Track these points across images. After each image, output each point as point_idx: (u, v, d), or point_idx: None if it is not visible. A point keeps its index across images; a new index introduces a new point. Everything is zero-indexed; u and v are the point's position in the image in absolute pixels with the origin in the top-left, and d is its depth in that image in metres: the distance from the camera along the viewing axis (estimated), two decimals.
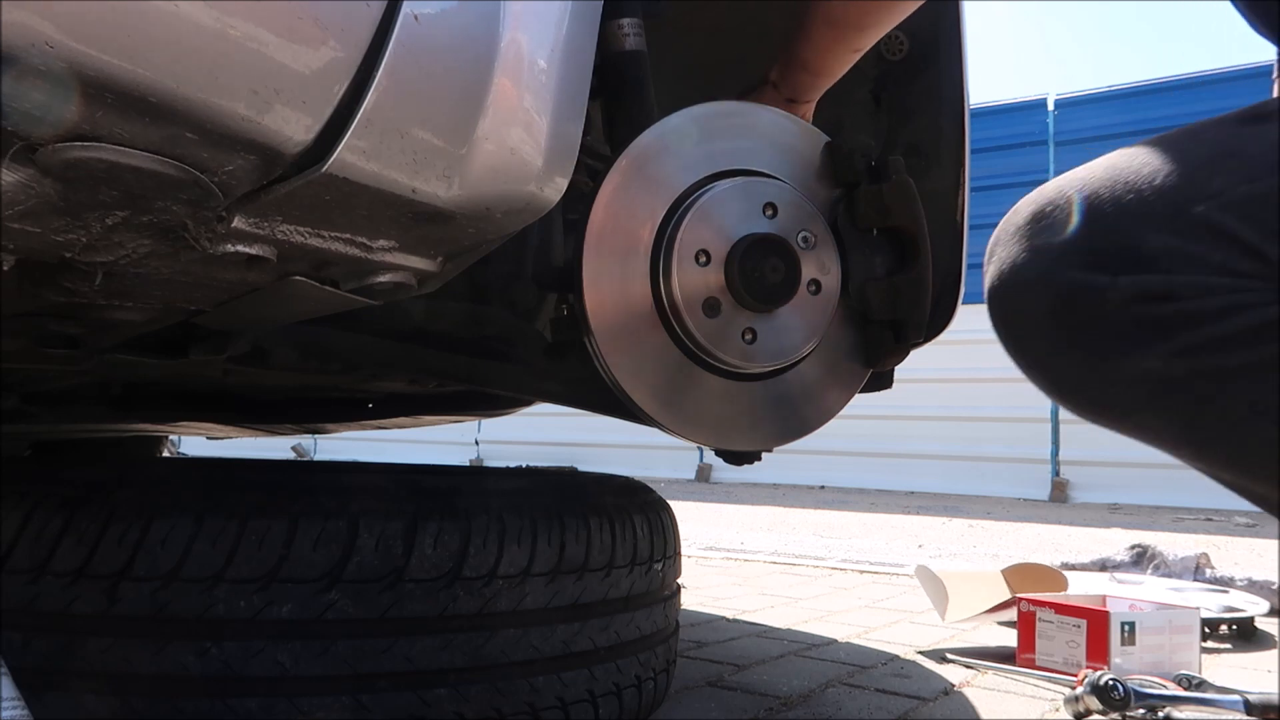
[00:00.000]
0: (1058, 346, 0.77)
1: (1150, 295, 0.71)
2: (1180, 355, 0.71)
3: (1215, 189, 0.71)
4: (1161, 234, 0.71)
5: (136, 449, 2.61)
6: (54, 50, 0.49)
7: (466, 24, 0.65)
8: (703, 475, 8.77)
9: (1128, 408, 0.78)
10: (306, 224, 0.68)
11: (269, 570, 0.90)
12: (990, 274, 0.81)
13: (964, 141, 1.37)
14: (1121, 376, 0.75)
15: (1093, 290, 0.73)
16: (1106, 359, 0.75)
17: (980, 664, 1.62)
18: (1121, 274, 0.72)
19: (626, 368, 0.93)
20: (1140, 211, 0.73)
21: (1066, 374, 0.79)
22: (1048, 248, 0.76)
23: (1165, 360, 0.72)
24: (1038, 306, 0.77)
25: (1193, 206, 0.71)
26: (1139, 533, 4.47)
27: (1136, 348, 0.73)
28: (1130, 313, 0.72)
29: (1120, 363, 0.74)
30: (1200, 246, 0.70)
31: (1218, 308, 0.70)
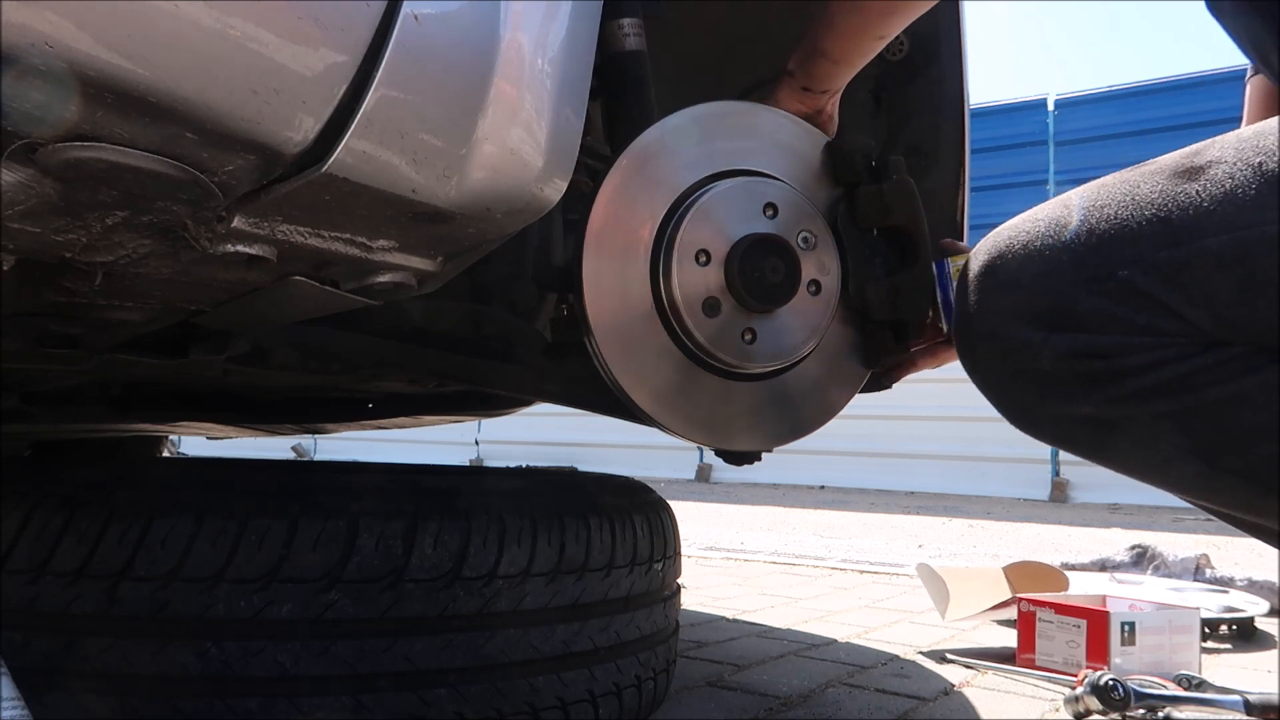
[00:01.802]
0: (1010, 391, 0.86)
1: (1080, 353, 0.80)
2: (1110, 404, 0.80)
3: (1139, 253, 0.78)
4: (1092, 296, 0.79)
5: (136, 449, 2.60)
6: (54, 50, 0.49)
7: (467, 24, 0.65)
8: (703, 475, 8.76)
9: (1078, 444, 0.87)
10: (306, 224, 0.68)
11: (269, 570, 0.90)
12: (956, 314, 0.90)
13: (964, 141, 1.37)
14: (1066, 419, 0.84)
15: (1029, 347, 0.82)
16: (1048, 406, 0.84)
17: (980, 664, 1.62)
18: (1055, 332, 0.80)
19: (626, 368, 0.93)
20: (1073, 274, 0.80)
21: (1021, 413, 0.88)
22: (995, 304, 0.85)
23: (1098, 407, 0.81)
24: (989, 356, 0.86)
25: (1119, 270, 0.78)
26: (1139, 533, 4.47)
27: (1073, 397, 0.82)
28: (1065, 367, 0.81)
29: (1062, 408, 0.83)
30: (1125, 309, 0.78)
31: (1141, 363, 0.78)
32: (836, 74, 1.04)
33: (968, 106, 1.37)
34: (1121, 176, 0.84)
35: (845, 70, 1.04)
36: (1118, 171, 0.85)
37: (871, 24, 0.99)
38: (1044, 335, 0.81)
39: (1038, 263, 0.82)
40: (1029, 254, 0.83)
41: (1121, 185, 0.83)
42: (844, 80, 1.06)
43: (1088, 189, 0.86)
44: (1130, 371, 0.78)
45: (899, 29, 1.01)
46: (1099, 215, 0.82)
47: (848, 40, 1.01)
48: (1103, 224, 0.81)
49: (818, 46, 1.02)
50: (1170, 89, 7.92)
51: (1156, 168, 0.82)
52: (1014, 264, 0.84)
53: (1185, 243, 0.76)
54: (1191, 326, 0.77)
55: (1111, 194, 0.83)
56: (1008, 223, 0.88)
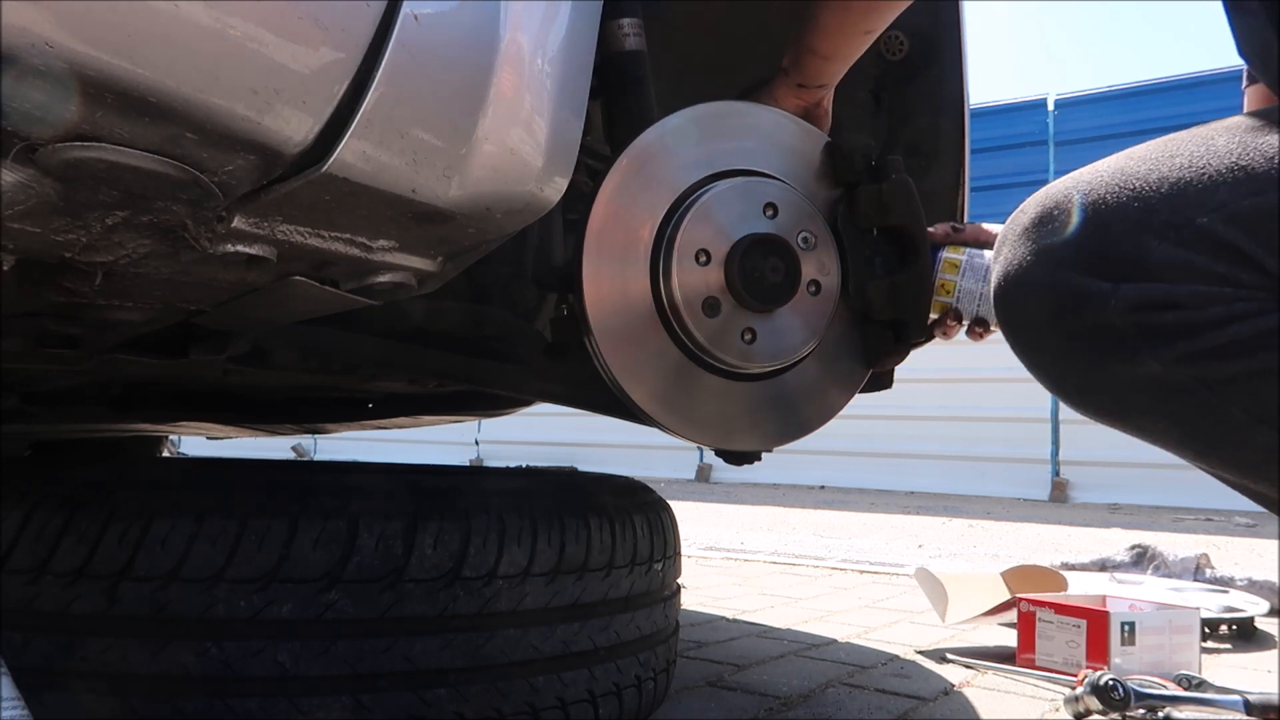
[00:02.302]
0: (1061, 350, 0.78)
1: (1152, 304, 0.72)
2: (1180, 362, 0.73)
3: (1220, 201, 0.72)
4: (1165, 244, 0.72)
5: (136, 449, 2.60)
6: (54, 50, 0.49)
7: (467, 24, 0.65)
8: (703, 475, 8.76)
9: (1129, 411, 0.79)
10: (306, 224, 0.68)
11: (269, 570, 0.90)
12: (997, 273, 0.82)
13: (964, 141, 1.37)
14: (1123, 381, 0.76)
15: (1095, 297, 0.74)
16: (1108, 364, 0.76)
17: (980, 664, 1.62)
18: (1124, 282, 0.73)
19: (626, 368, 0.93)
20: (1145, 220, 0.73)
21: (1070, 376, 0.80)
22: (1052, 252, 0.77)
23: (1166, 366, 0.73)
24: (1041, 311, 0.78)
25: (1197, 217, 0.72)
26: (1139, 533, 4.47)
27: (1138, 354, 0.74)
28: (1132, 320, 0.73)
29: (1121, 368, 0.75)
30: (1203, 258, 0.71)
31: (1218, 317, 0.71)
32: (827, 70, 1.04)
33: (968, 106, 1.37)
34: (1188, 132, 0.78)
35: (836, 66, 1.04)
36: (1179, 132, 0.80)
37: (857, 20, 0.99)
38: (1111, 285, 0.73)
39: (1102, 211, 0.75)
40: (1091, 202, 0.76)
41: (1191, 137, 0.77)
42: (836, 76, 1.06)
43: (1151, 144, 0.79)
44: (1206, 325, 0.71)
45: (885, 24, 1.01)
46: (1170, 164, 0.75)
47: (835, 36, 1.01)
48: (1176, 171, 0.74)
49: (807, 43, 1.03)
50: (1170, 89, 7.91)
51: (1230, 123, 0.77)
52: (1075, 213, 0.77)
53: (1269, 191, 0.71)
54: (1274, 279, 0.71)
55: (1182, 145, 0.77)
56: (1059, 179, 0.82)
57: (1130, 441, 0.87)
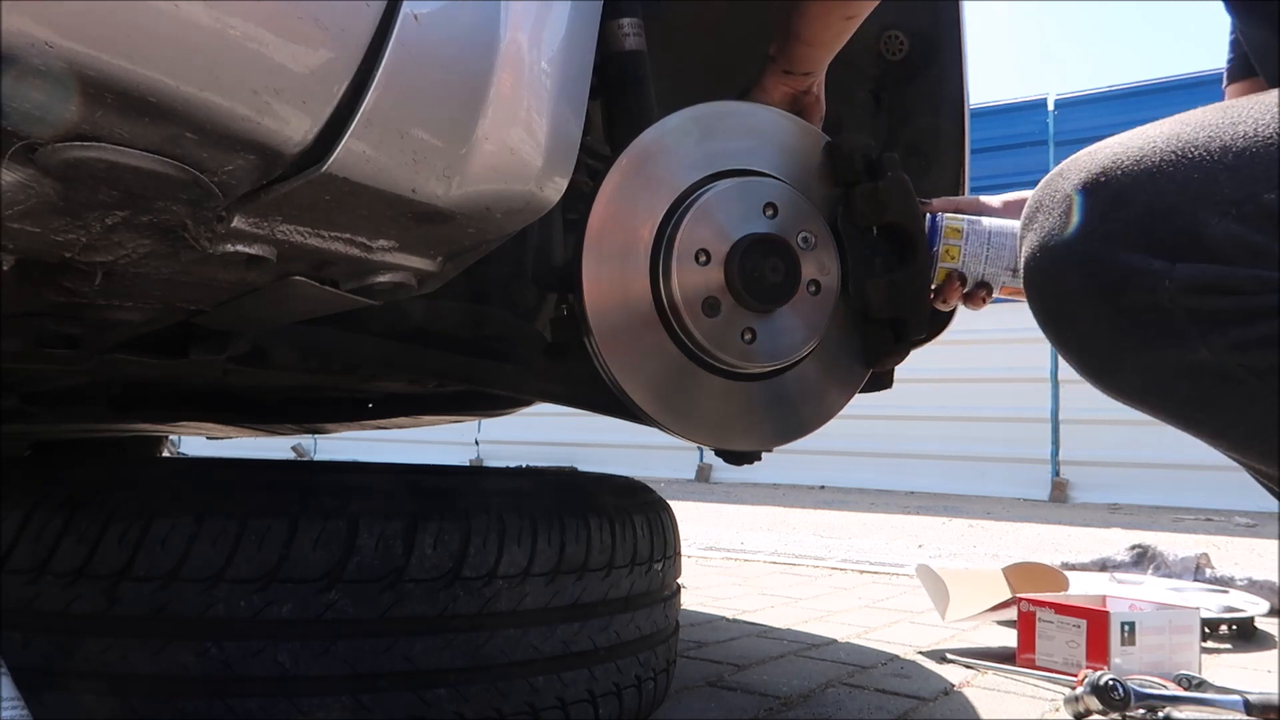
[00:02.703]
0: (1099, 329, 0.73)
1: (1209, 287, 0.67)
2: (1232, 350, 0.67)
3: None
4: (1226, 221, 0.66)
5: (136, 449, 2.60)
6: (54, 50, 0.49)
7: (466, 24, 0.65)
8: (703, 475, 8.76)
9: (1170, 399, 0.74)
10: (306, 224, 0.68)
11: (269, 570, 0.90)
12: (1030, 242, 0.76)
13: (964, 141, 1.37)
14: (1167, 368, 0.71)
15: (1146, 276, 0.68)
16: (1153, 348, 0.71)
17: (980, 664, 1.62)
18: (1180, 261, 0.67)
19: (626, 368, 0.93)
20: (1205, 194, 0.67)
21: (1101, 356, 0.75)
22: (1099, 223, 0.71)
23: (1217, 354, 0.68)
24: (1083, 286, 0.72)
25: (1263, 193, 0.66)
26: (1139, 533, 4.47)
27: (1187, 339, 0.68)
28: (1185, 303, 0.67)
29: (1167, 353, 0.70)
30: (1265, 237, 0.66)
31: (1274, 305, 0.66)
32: (811, 56, 1.05)
33: (968, 106, 1.37)
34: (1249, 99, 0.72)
35: (819, 52, 1.05)
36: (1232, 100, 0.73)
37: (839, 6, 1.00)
38: (1165, 264, 0.67)
39: (1157, 181, 0.69)
40: (1144, 170, 0.69)
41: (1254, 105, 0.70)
42: (822, 62, 1.06)
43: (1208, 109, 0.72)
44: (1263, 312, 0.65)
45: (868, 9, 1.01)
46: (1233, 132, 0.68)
47: (816, 22, 1.01)
48: (1239, 140, 0.68)
49: (792, 30, 1.03)
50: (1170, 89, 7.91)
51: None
52: (1126, 181, 0.70)
53: None
54: None
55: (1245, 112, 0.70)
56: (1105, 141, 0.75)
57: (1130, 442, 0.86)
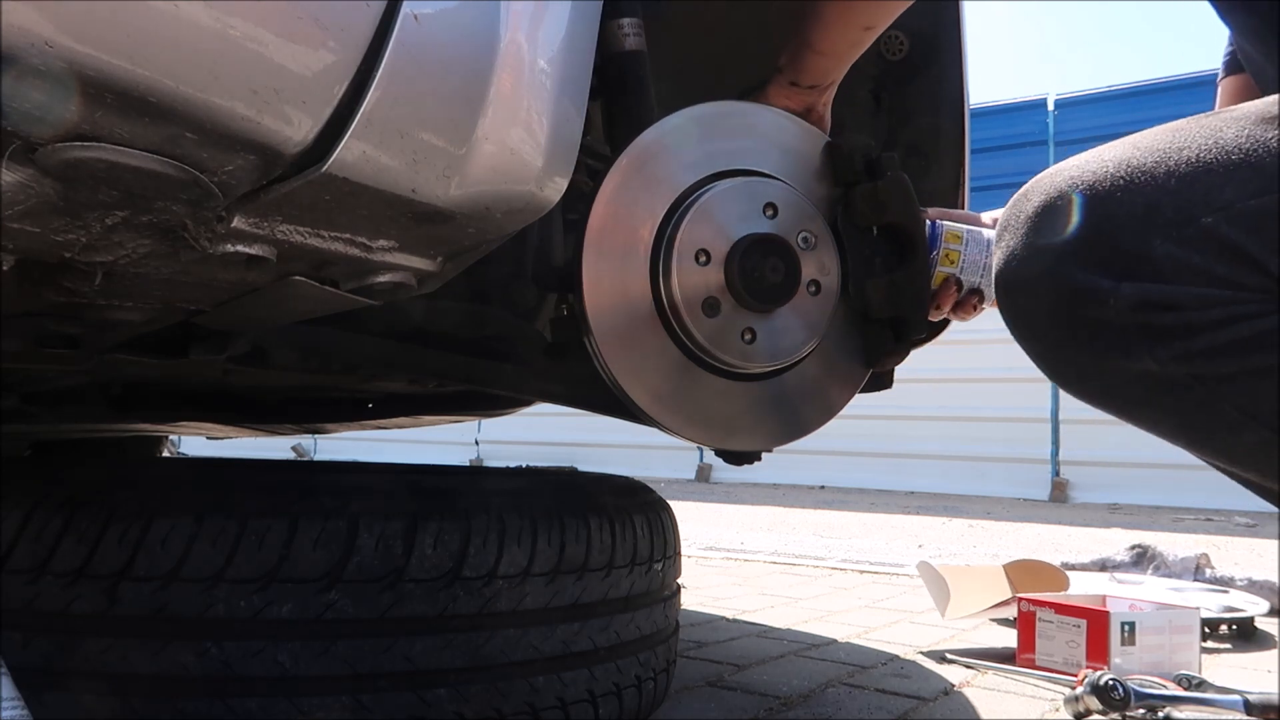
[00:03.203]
0: (1061, 342, 0.79)
1: (1153, 304, 0.72)
2: (1177, 360, 0.73)
3: (1225, 200, 0.71)
4: (1169, 243, 0.72)
5: (136, 449, 2.60)
6: (54, 50, 0.49)
7: (466, 24, 0.65)
8: (703, 475, 8.76)
9: (1128, 403, 0.80)
10: (306, 224, 0.68)
11: (269, 570, 0.90)
12: (998, 261, 0.82)
13: (964, 141, 1.37)
14: (1121, 375, 0.77)
15: (1096, 293, 0.74)
16: (1106, 359, 0.76)
17: (980, 664, 1.62)
18: (1125, 280, 0.73)
19: (626, 368, 0.93)
20: (1149, 217, 0.73)
21: (1070, 368, 0.80)
22: (1054, 244, 0.77)
23: (1163, 364, 0.74)
24: (1042, 303, 0.78)
25: (1201, 217, 0.71)
26: (1139, 533, 4.47)
27: (1136, 351, 0.74)
28: (1132, 318, 0.73)
29: (1120, 363, 0.76)
30: (1205, 258, 0.71)
31: (1217, 319, 0.71)
32: (823, 67, 1.02)
33: (968, 106, 1.37)
34: (1197, 121, 0.77)
35: (832, 64, 1.02)
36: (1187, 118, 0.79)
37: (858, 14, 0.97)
38: (1113, 283, 0.73)
39: (1107, 204, 0.75)
40: (1096, 195, 0.76)
41: (1200, 129, 0.76)
42: (833, 75, 1.04)
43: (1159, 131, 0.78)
44: (1204, 326, 0.71)
45: (887, 21, 0.98)
46: (1178, 157, 0.74)
47: (834, 31, 0.98)
48: (1183, 166, 0.74)
49: (805, 39, 1.00)
50: (1170, 89, 7.91)
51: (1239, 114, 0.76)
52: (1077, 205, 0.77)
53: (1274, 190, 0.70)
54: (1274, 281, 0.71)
55: (1190, 136, 0.76)
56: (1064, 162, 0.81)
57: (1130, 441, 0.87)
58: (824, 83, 1.04)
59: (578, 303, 0.91)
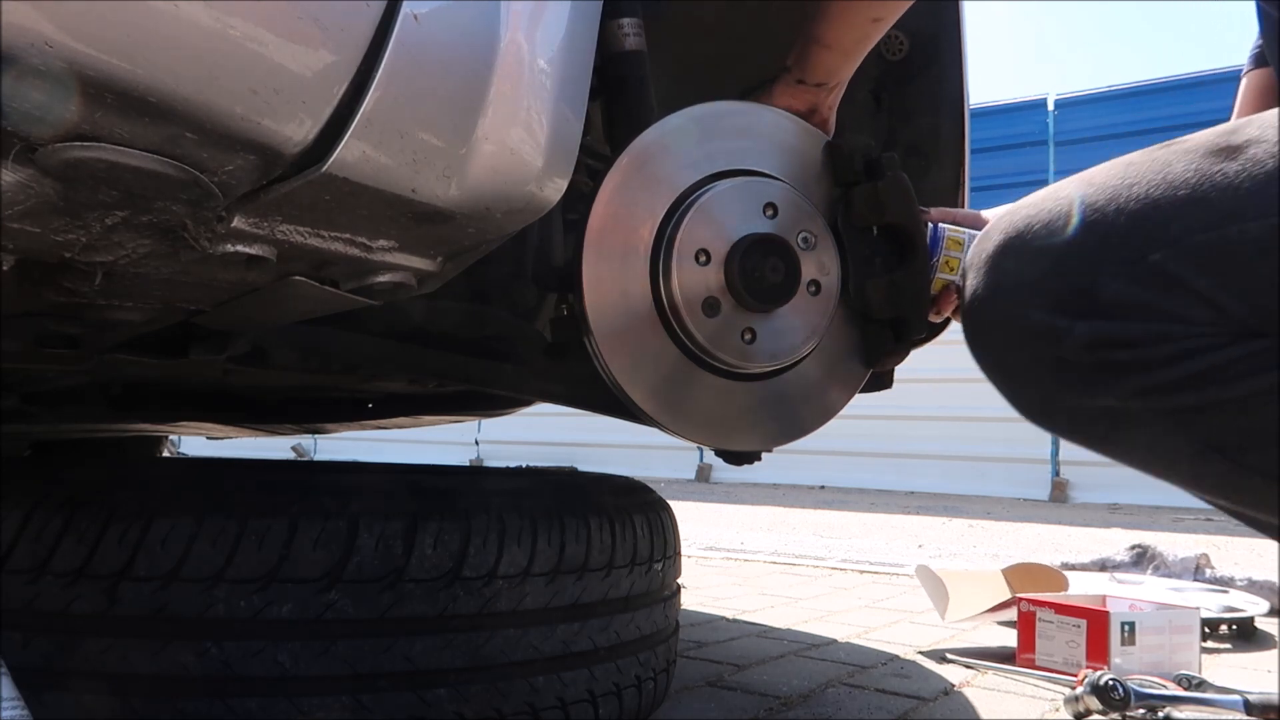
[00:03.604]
0: (1025, 381, 0.81)
1: (1106, 342, 0.74)
2: (1135, 396, 0.75)
3: (1173, 235, 0.72)
4: (1119, 280, 0.73)
5: (136, 449, 2.60)
6: (54, 50, 0.49)
7: (466, 24, 0.65)
8: (703, 475, 8.76)
9: (1094, 437, 0.82)
10: (306, 224, 0.68)
11: (269, 570, 0.90)
12: (965, 299, 0.84)
13: (964, 141, 1.37)
14: (1085, 412, 0.79)
15: (1052, 333, 0.76)
16: (1068, 396, 0.78)
17: (980, 664, 1.62)
18: (1079, 319, 0.74)
19: (626, 368, 0.93)
20: (1100, 256, 0.75)
21: (1036, 405, 0.83)
22: (1013, 285, 0.79)
23: (1122, 400, 0.75)
24: (1004, 342, 0.81)
25: (1150, 254, 0.73)
26: (1139, 533, 4.47)
27: (1094, 388, 0.76)
28: (1088, 356, 0.75)
29: (1080, 399, 0.78)
30: (1155, 295, 0.72)
31: (1170, 354, 0.72)
32: (830, 62, 1.01)
33: (968, 106, 1.37)
34: (1150, 154, 0.79)
35: (840, 60, 1.01)
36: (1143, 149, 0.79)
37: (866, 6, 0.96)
38: (1067, 322, 0.75)
39: (1061, 244, 0.77)
40: (1051, 234, 0.78)
41: (1151, 163, 0.77)
42: (841, 73, 1.03)
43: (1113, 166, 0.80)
44: (1157, 363, 0.73)
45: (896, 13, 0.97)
46: (1128, 194, 0.76)
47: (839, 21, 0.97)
48: (1132, 203, 0.75)
49: (812, 33, 0.99)
50: (1170, 89, 7.91)
51: (1190, 145, 0.77)
52: (1034, 244, 0.79)
53: (1223, 226, 0.71)
54: (1224, 315, 0.72)
55: (1141, 172, 0.77)
56: (1024, 200, 0.83)
57: None
58: (831, 81, 1.03)
59: (578, 303, 0.91)
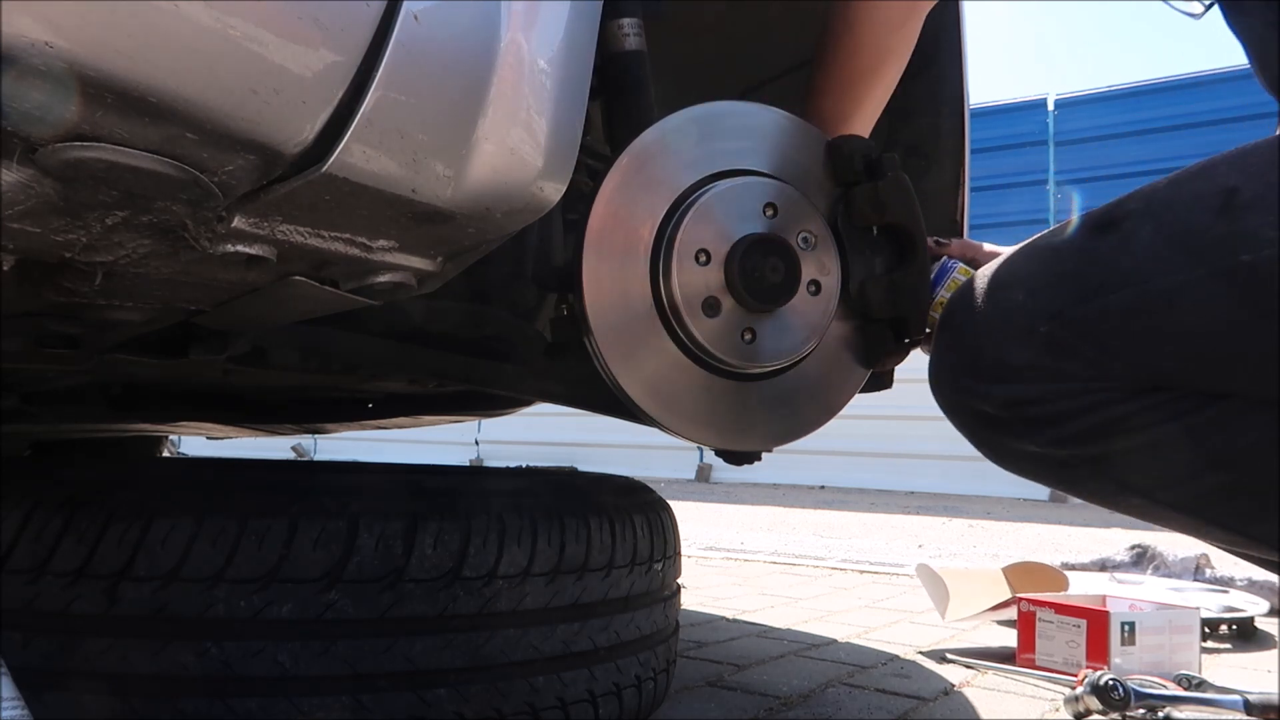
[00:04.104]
0: (974, 433, 0.93)
1: (1016, 401, 0.86)
2: (1053, 445, 0.86)
3: (1055, 309, 0.84)
4: (1020, 349, 0.85)
5: (136, 449, 2.60)
6: (54, 50, 0.49)
7: (467, 24, 0.65)
8: (703, 475, 8.76)
9: (1040, 476, 0.93)
10: (306, 224, 0.68)
11: (269, 570, 0.90)
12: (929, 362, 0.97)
13: (964, 141, 1.37)
14: (1022, 457, 0.90)
15: (977, 395, 0.89)
16: (1005, 444, 0.91)
17: (980, 664, 1.62)
18: (995, 383, 0.87)
19: (626, 368, 0.93)
20: (1005, 329, 0.87)
21: (989, 449, 0.94)
22: (949, 357, 0.92)
23: (1043, 449, 0.87)
24: (950, 400, 0.93)
25: (1039, 326, 0.84)
26: (1139, 533, 4.46)
27: (1020, 439, 0.88)
28: (1006, 414, 0.87)
29: (1013, 447, 0.90)
30: (1049, 359, 0.84)
31: (1070, 409, 0.84)
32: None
33: (968, 106, 1.37)
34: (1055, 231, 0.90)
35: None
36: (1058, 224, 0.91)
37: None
38: (986, 387, 0.87)
39: (978, 321, 0.89)
40: (971, 312, 0.90)
41: (1050, 240, 0.89)
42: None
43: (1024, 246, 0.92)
44: (1062, 416, 0.84)
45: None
46: (1026, 272, 0.88)
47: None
48: (1029, 280, 0.87)
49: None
50: (1170, 89, 7.92)
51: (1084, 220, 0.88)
52: (958, 320, 0.92)
53: (1092, 299, 0.82)
54: (1110, 373, 0.82)
55: (1038, 250, 0.89)
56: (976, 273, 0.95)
57: None
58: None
59: (578, 303, 0.91)
